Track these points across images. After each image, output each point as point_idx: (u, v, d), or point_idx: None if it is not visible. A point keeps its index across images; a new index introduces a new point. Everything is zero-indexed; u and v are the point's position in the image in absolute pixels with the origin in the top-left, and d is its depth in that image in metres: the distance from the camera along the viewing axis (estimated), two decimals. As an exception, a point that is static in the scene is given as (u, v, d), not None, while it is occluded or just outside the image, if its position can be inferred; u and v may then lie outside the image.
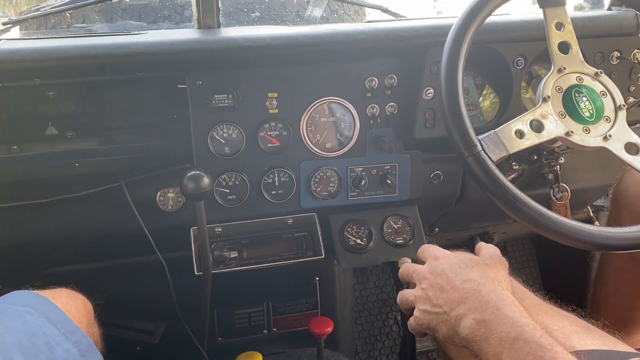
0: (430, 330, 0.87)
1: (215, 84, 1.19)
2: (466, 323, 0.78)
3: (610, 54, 1.29)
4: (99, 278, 1.42)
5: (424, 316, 0.87)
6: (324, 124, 1.26)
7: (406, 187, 1.33)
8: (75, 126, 1.24)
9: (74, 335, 0.88)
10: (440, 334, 0.84)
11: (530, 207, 0.94)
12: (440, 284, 0.86)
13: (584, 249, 0.96)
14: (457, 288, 0.83)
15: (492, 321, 0.75)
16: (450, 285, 0.84)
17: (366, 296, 2.00)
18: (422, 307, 0.88)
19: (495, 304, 0.77)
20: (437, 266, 0.90)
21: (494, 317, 0.76)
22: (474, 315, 0.78)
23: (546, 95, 1.06)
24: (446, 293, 0.84)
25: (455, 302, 0.82)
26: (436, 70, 1.21)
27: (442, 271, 0.88)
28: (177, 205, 1.24)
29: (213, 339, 1.55)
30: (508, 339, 0.73)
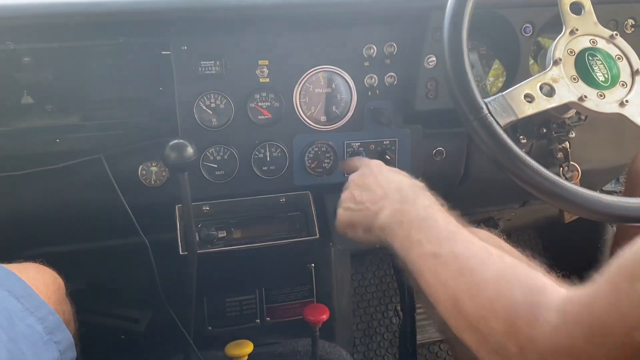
0: (351, 227, 0.92)
1: (202, 49, 1.11)
2: (384, 213, 0.82)
3: (624, 22, 1.21)
4: (80, 261, 1.34)
5: (346, 213, 0.93)
6: (319, 95, 1.18)
7: (406, 164, 1.25)
8: (54, 98, 1.17)
9: (40, 311, 0.80)
10: (360, 229, 0.89)
11: (542, 174, 0.87)
12: (366, 183, 0.92)
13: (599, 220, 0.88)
14: (382, 186, 0.89)
15: (408, 209, 0.80)
16: (376, 184, 0.90)
17: (365, 287, 1.92)
18: (346, 205, 0.94)
19: (414, 199, 0.82)
20: (367, 170, 0.96)
21: (410, 205, 0.80)
22: (393, 206, 0.82)
23: (557, 57, 0.99)
24: (370, 191, 0.90)
25: (377, 198, 0.87)
26: (438, 37, 1.13)
27: (370, 173, 0.95)
28: (161, 180, 1.16)
29: (203, 328, 1.47)
30: (418, 219, 0.76)
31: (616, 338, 0.45)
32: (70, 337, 0.85)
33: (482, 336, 0.58)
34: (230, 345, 1.32)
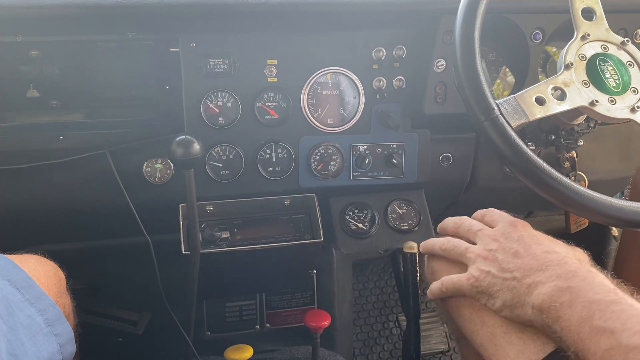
0: (486, 295, 0.77)
1: (211, 47, 1.10)
2: (543, 289, 0.68)
3: (634, 32, 1.21)
4: (81, 260, 1.32)
5: (485, 277, 0.77)
6: (327, 96, 1.18)
7: (413, 169, 1.24)
8: (59, 94, 1.16)
9: (40, 303, 0.78)
10: (499, 301, 0.75)
11: (553, 177, 0.86)
12: (515, 249, 0.77)
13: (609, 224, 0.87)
14: (537, 257, 0.74)
15: (580, 287, 0.66)
16: (528, 253, 0.76)
17: (366, 297, 1.90)
18: (485, 268, 0.78)
19: (583, 275, 0.68)
20: (514, 232, 0.81)
21: (583, 284, 0.66)
22: (557, 282, 0.68)
23: (569, 62, 0.98)
24: (521, 259, 0.75)
25: (531, 269, 0.73)
26: (449, 40, 1.13)
27: (520, 238, 0.79)
28: (166, 177, 1.15)
29: (201, 333, 1.45)
30: (603, 302, 0.62)
31: None
32: (70, 330, 0.83)
33: None
34: (230, 350, 1.30)
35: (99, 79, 1.19)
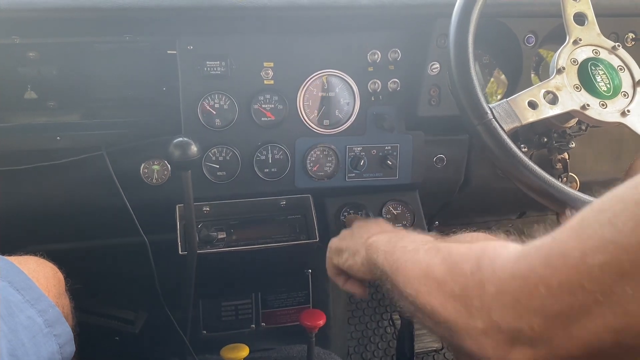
0: (338, 252, 0.98)
1: (208, 49, 1.11)
2: (374, 237, 0.87)
3: (625, 35, 1.23)
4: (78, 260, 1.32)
5: (336, 241, 1.02)
6: (322, 98, 1.19)
7: (407, 170, 1.25)
8: (57, 95, 1.16)
9: (40, 304, 0.79)
10: (346, 253, 0.95)
11: (545, 180, 0.88)
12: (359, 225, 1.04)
13: None
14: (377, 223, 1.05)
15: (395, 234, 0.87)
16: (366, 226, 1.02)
17: (360, 295, 1.91)
18: (340, 237, 1.04)
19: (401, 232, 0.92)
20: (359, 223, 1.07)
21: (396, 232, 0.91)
22: (384, 232, 0.90)
23: (561, 66, 1.00)
24: (364, 227, 1.00)
25: (371, 230, 0.95)
26: (443, 44, 1.15)
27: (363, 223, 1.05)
28: (163, 178, 1.16)
29: (198, 332, 1.46)
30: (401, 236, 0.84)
31: (571, 261, 0.46)
32: (69, 331, 0.84)
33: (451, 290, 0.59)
34: (226, 349, 1.31)
35: (96, 80, 1.20)
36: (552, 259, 0.47)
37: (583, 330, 0.45)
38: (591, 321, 0.45)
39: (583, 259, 0.44)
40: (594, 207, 0.47)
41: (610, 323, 0.43)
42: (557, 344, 0.48)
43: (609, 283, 0.43)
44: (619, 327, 0.43)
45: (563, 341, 0.47)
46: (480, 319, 0.54)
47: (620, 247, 0.42)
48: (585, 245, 0.45)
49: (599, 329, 0.44)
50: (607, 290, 0.43)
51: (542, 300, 0.47)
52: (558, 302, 0.46)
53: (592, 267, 0.44)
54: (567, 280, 0.46)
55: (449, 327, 0.59)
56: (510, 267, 0.52)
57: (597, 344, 0.45)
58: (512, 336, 0.51)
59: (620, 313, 0.43)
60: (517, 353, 0.51)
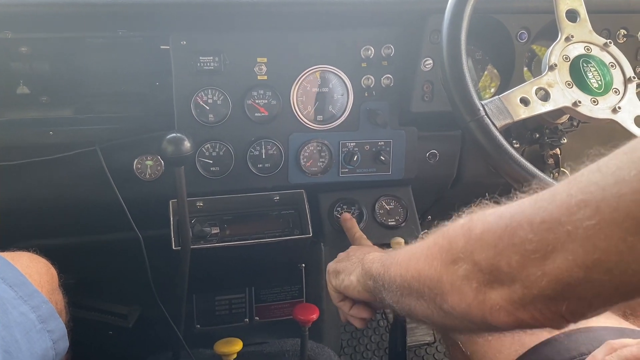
0: (335, 274, 0.97)
1: (201, 45, 1.11)
2: (370, 256, 0.86)
3: (616, 32, 1.23)
4: (71, 256, 1.32)
5: (333, 264, 1.00)
6: (316, 94, 1.19)
7: (400, 166, 1.26)
8: (49, 90, 1.16)
9: (33, 300, 0.79)
10: (343, 274, 0.94)
11: (538, 177, 0.88)
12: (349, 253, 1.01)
13: None
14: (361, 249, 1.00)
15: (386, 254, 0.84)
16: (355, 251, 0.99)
17: (354, 289, 1.92)
18: (337, 259, 1.01)
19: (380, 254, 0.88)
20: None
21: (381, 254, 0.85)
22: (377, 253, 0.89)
23: (553, 63, 1.00)
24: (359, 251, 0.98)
25: (366, 251, 0.94)
26: (436, 40, 1.15)
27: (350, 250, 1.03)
28: (156, 174, 1.16)
29: (191, 327, 1.46)
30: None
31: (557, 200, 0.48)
32: (63, 326, 0.84)
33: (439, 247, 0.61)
34: (220, 343, 1.31)
35: (89, 75, 1.19)
36: (541, 201, 0.50)
37: (555, 266, 0.47)
38: (563, 257, 0.47)
39: (567, 199, 0.47)
40: (591, 163, 0.49)
41: (580, 259, 0.45)
42: (531, 281, 0.50)
43: (581, 218, 0.45)
44: (589, 262, 0.45)
45: (537, 278, 0.49)
46: (463, 263, 0.56)
47: (599, 187, 0.44)
48: (572, 188, 0.47)
49: (570, 264, 0.46)
50: (578, 224, 0.45)
51: (523, 236, 0.50)
52: (537, 238, 0.48)
53: (570, 204, 0.46)
54: (549, 216, 0.48)
55: (433, 285, 0.61)
56: (501, 210, 0.54)
57: (567, 279, 0.47)
58: (491, 275, 0.53)
59: (590, 249, 0.45)
60: (495, 294, 0.53)
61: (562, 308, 0.50)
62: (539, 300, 0.51)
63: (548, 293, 0.49)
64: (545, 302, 0.50)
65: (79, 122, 1.17)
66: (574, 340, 0.76)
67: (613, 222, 0.43)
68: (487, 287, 0.54)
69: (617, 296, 0.48)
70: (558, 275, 0.48)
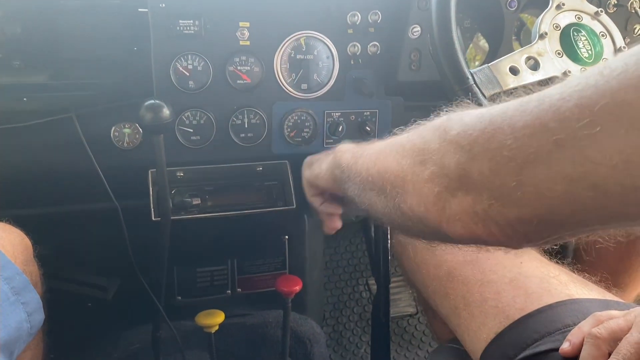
0: (309, 165, 0.97)
1: (181, 7, 1.06)
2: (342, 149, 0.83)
3: (607, 1, 1.21)
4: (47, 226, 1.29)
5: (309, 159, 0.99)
6: (300, 61, 1.15)
7: (386, 136, 1.23)
8: (22, 54, 1.11)
9: (6, 271, 0.77)
10: (317, 166, 0.93)
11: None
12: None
13: None
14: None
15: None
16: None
17: (336, 261, 1.92)
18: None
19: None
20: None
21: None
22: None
23: (543, 32, 0.98)
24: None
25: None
26: (424, 6, 1.12)
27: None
28: (134, 142, 1.12)
29: (172, 298, 1.44)
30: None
31: (546, 103, 0.43)
32: (38, 298, 0.81)
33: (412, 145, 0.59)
34: (201, 315, 1.30)
35: (64, 40, 1.14)
36: (527, 103, 0.45)
37: (534, 175, 0.43)
38: (545, 166, 0.42)
39: (558, 101, 0.42)
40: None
41: (566, 171, 0.41)
42: (502, 192, 0.45)
43: (574, 126, 0.40)
44: (575, 175, 0.41)
45: (510, 189, 0.45)
46: (430, 165, 0.52)
47: (599, 90, 0.39)
48: (565, 89, 0.42)
49: (553, 175, 0.42)
50: (570, 132, 0.40)
51: (501, 141, 0.45)
52: (517, 144, 0.44)
53: (562, 109, 0.41)
54: (534, 120, 0.43)
55: (396, 184, 0.58)
56: (481, 111, 0.50)
57: (544, 192, 0.43)
58: (458, 182, 0.49)
59: (578, 159, 0.40)
60: (456, 202, 0.50)
61: (530, 226, 0.46)
62: (505, 215, 0.46)
63: (518, 206, 0.45)
64: (513, 218, 0.46)
65: (54, 88, 1.12)
66: (558, 312, 0.76)
67: (613, 133, 0.38)
68: (449, 194, 0.50)
69: (595, 219, 0.43)
70: (535, 187, 0.43)
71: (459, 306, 0.85)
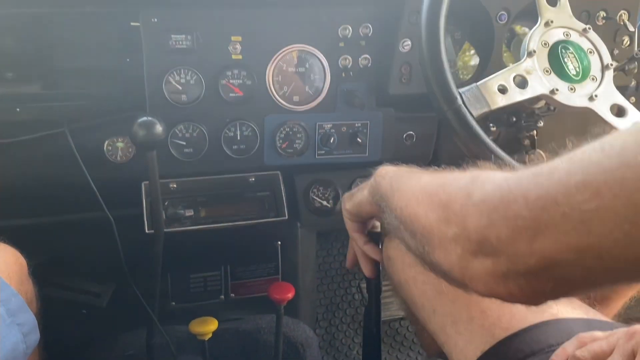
0: (349, 196, 0.96)
1: (173, 22, 1.07)
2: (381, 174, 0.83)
3: (596, 13, 1.23)
4: (41, 234, 1.30)
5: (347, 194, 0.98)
6: (292, 74, 1.16)
7: (377, 147, 1.25)
8: (15, 66, 1.11)
9: (2, 293, 0.78)
10: (358, 194, 0.92)
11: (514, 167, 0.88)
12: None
13: None
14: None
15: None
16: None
17: (329, 263, 1.93)
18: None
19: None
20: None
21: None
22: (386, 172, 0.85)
23: (532, 49, 0.99)
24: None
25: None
26: (415, 20, 1.12)
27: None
28: (127, 156, 1.13)
29: (166, 304, 1.46)
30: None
31: (555, 178, 0.46)
32: (33, 318, 0.83)
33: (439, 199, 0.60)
34: (195, 323, 1.32)
35: (57, 51, 1.14)
36: (539, 176, 0.48)
37: (545, 245, 0.46)
38: (555, 237, 0.46)
39: (566, 177, 0.45)
40: (592, 142, 0.48)
41: (573, 242, 0.45)
42: (518, 257, 0.49)
43: (579, 200, 0.43)
44: (581, 246, 0.44)
45: (524, 254, 0.48)
46: (455, 226, 0.55)
47: (601, 168, 0.43)
48: (572, 166, 0.46)
49: (562, 246, 0.45)
50: (575, 207, 0.44)
51: (516, 210, 0.49)
52: (530, 214, 0.47)
53: (569, 184, 0.45)
54: (545, 194, 0.47)
55: (424, 235, 0.61)
56: (500, 181, 0.53)
57: (557, 260, 0.46)
58: (478, 245, 0.53)
59: (584, 232, 0.44)
60: (478, 263, 0.53)
61: (547, 287, 0.50)
62: (522, 277, 0.50)
63: (534, 271, 0.49)
64: (529, 279, 0.50)
65: (46, 98, 1.12)
66: (542, 332, 0.78)
67: (612, 209, 0.42)
68: (471, 255, 0.54)
69: (605, 281, 0.48)
70: (547, 255, 0.47)
71: (446, 323, 0.87)
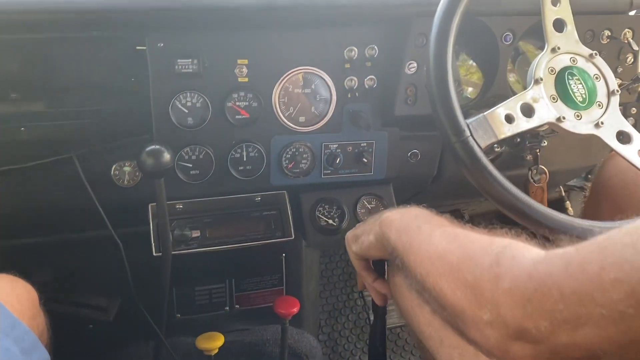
0: (355, 237, 0.98)
1: (179, 47, 1.07)
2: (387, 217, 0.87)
3: (600, 33, 1.22)
4: (47, 253, 1.31)
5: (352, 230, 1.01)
6: (298, 95, 1.16)
7: (382, 166, 1.25)
8: (19, 87, 1.11)
9: (15, 332, 0.78)
10: (363, 234, 0.95)
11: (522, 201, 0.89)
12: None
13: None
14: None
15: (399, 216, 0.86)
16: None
17: (332, 269, 1.95)
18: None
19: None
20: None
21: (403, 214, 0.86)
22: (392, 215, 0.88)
23: (538, 77, 0.99)
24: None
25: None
26: (421, 43, 1.12)
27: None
28: (135, 180, 1.13)
29: (171, 316, 1.47)
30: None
31: (588, 273, 0.47)
32: (46, 354, 0.83)
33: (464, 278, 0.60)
34: (201, 338, 1.33)
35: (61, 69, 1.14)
36: (571, 268, 0.49)
37: (587, 338, 0.47)
38: (595, 331, 0.47)
39: (599, 272, 0.46)
40: (622, 230, 0.48)
41: (613, 337, 0.46)
42: (560, 347, 0.50)
43: (615, 299, 0.44)
44: (622, 341, 0.45)
45: (566, 345, 0.49)
46: (488, 311, 0.56)
47: (635, 268, 0.44)
48: (605, 261, 0.46)
49: (602, 340, 0.46)
50: (613, 306, 0.45)
51: (553, 304, 0.49)
52: (567, 309, 0.48)
53: (605, 282, 0.45)
54: (580, 289, 0.47)
55: (455, 313, 0.61)
56: (529, 268, 0.53)
57: (599, 352, 0.47)
58: (517, 333, 0.53)
59: (624, 329, 0.45)
60: (519, 347, 0.53)
61: None
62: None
63: (576, 357, 0.50)
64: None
65: (51, 117, 1.12)
66: None
67: None
68: (511, 339, 0.54)
69: None
70: (590, 347, 0.47)
71: (453, 356, 0.88)
